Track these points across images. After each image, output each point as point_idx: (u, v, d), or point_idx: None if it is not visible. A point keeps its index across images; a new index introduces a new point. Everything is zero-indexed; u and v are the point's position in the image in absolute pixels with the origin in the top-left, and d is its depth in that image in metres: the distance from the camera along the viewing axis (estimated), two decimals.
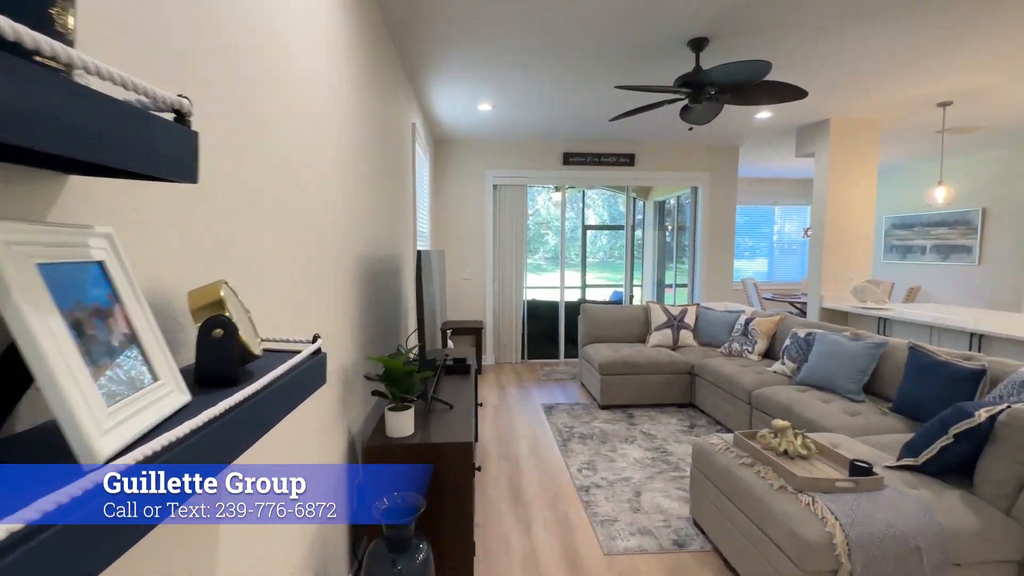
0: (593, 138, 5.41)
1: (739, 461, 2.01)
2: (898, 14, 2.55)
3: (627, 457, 3.09)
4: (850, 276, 4.56)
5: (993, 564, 1.63)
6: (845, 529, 1.57)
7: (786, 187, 8.15)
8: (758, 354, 3.83)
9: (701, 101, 2.87)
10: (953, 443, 1.78)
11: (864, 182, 4.65)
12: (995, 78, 3.48)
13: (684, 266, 6.41)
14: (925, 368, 2.54)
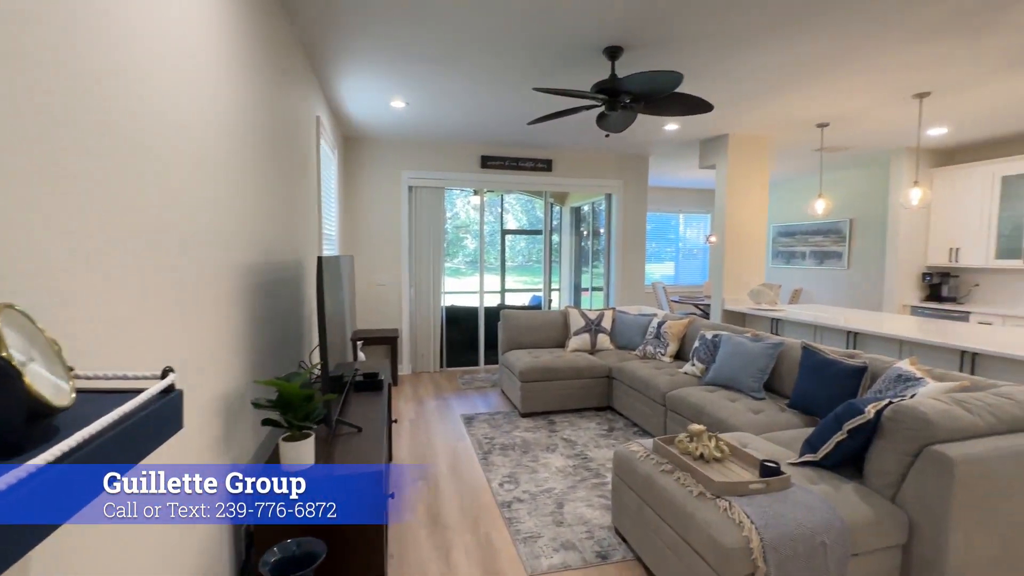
0: (512, 142, 5.38)
1: (660, 468, 2.01)
2: (782, 41, 2.75)
3: (549, 467, 3.04)
4: (747, 280, 4.92)
5: (883, 550, 1.75)
6: (760, 532, 1.60)
7: (690, 196, 8.72)
8: (670, 356, 3.98)
9: (617, 109, 2.90)
10: (847, 438, 1.90)
11: (758, 193, 5.05)
12: (861, 104, 3.92)
13: (599, 270, 6.59)
14: (816, 366, 2.74)
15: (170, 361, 0.87)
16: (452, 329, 5.79)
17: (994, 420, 1.79)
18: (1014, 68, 3.16)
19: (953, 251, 5.32)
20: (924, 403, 1.80)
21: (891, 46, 2.85)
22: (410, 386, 4.94)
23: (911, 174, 5.25)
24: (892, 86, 3.51)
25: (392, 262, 5.33)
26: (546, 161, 5.66)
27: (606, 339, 4.48)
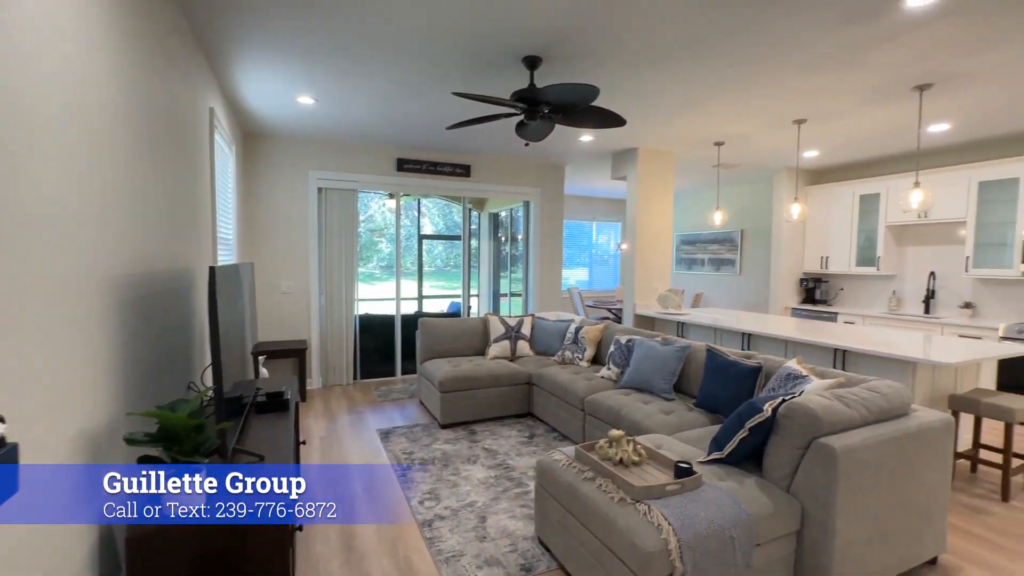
0: (429, 146, 5.26)
1: (582, 476, 2.03)
2: (688, 63, 2.95)
3: (471, 479, 2.97)
4: (655, 286, 5.22)
5: (782, 538, 1.90)
6: (677, 533, 1.66)
7: (603, 205, 9.12)
8: (587, 361, 4.09)
9: (536, 119, 2.93)
10: (749, 435, 2.05)
11: (664, 204, 5.38)
12: (752, 126, 4.32)
13: (518, 275, 6.65)
14: (719, 367, 2.95)
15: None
16: (367, 338, 5.52)
17: (866, 412, 2.02)
18: (869, 103, 3.65)
19: (824, 259, 6.06)
20: (812, 400, 1.99)
21: (779, 75, 3.16)
22: (321, 401, 4.62)
23: (791, 191, 5.89)
24: (777, 111, 3.91)
25: (299, 268, 4.96)
26: (464, 166, 5.61)
27: (526, 345, 4.51)
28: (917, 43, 2.67)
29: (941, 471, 2.15)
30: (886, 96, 3.49)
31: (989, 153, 4.74)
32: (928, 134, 4.46)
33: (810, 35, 2.59)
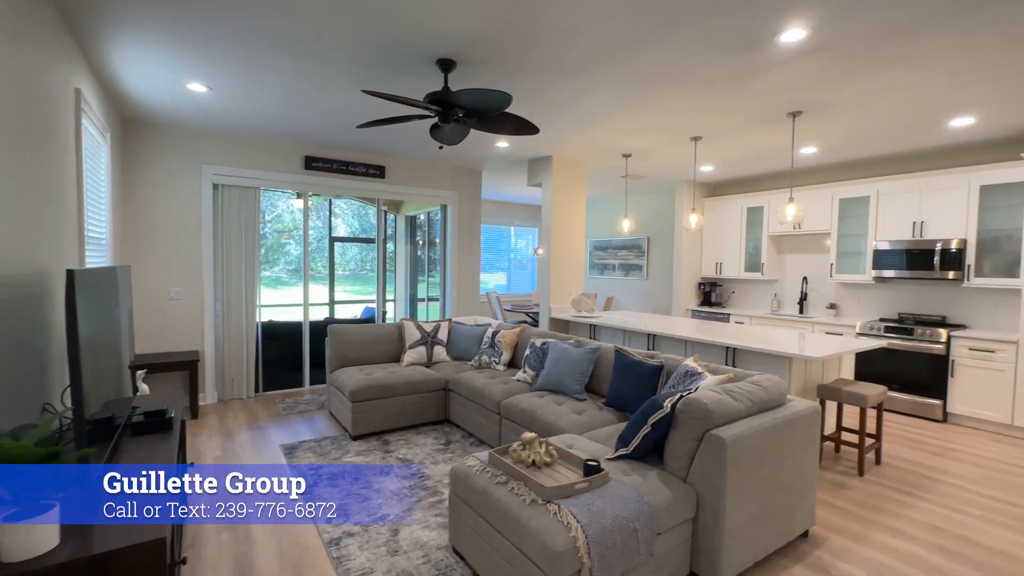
0: (341, 145, 5.03)
1: (495, 481, 2.03)
2: (598, 78, 3.09)
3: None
4: (569, 290, 5.40)
5: (680, 525, 2.03)
6: (585, 530, 1.71)
7: (521, 211, 9.28)
8: (504, 364, 4.12)
9: (450, 122, 2.91)
10: (651, 431, 2.18)
11: (577, 211, 5.59)
12: (655, 141, 4.63)
13: (435, 279, 6.56)
14: (626, 367, 3.11)
15: None
16: (271, 347, 5.14)
17: (750, 404, 2.23)
18: (753, 125, 4.06)
19: (718, 265, 6.63)
20: (705, 395, 2.16)
21: (677, 96, 3.41)
22: (216, 418, 4.22)
23: (690, 202, 6.39)
24: (677, 129, 4.22)
25: (191, 271, 4.51)
26: (379, 167, 5.43)
27: (442, 351, 4.45)
28: (789, 75, 3.01)
29: (811, 453, 2.43)
30: (766, 120, 3.91)
31: (847, 174, 5.48)
32: (800, 155, 5.05)
33: (701, 62, 2.83)
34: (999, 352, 4.10)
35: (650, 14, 2.33)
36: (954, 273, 4.49)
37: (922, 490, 3.04)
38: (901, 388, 4.61)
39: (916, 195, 4.77)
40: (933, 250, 4.60)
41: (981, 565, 2.27)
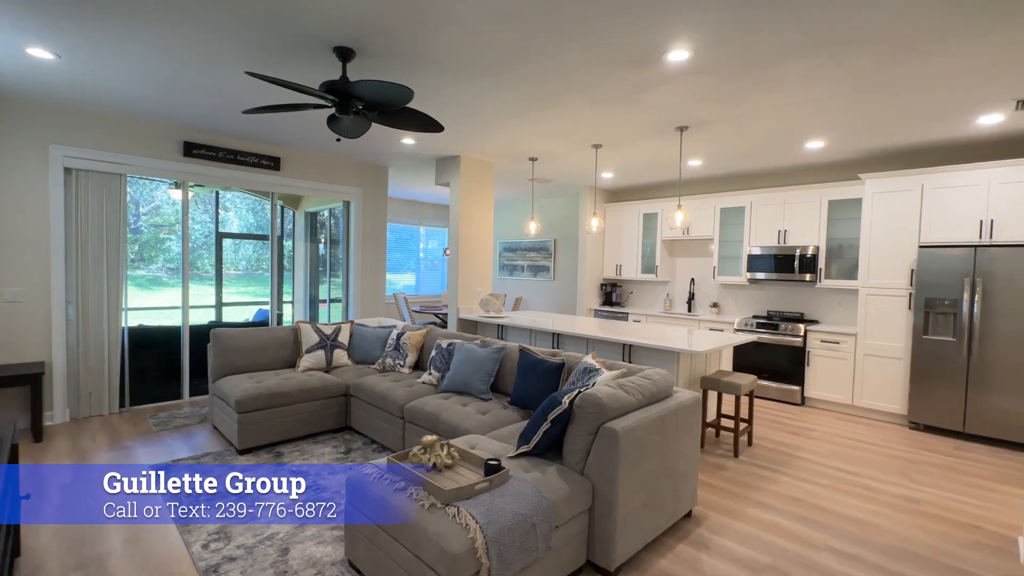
0: (228, 131, 4.59)
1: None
2: (501, 81, 3.13)
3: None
4: (477, 290, 5.41)
5: (576, 517, 2.10)
6: (484, 530, 1.71)
7: (429, 210, 9.13)
8: (409, 367, 4.02)
9: (349, 113, 2.77)
10: (551, 427, 2.23)
11: (485, 212, 5.62)
12: (559, 146, 4.79)
13: (339, 280, 6.23)
14: (529, 365, 3.17)
15: None
16: (142, 356, 4.55)
17: (641, 397, 2.38)
18: (647, 136, 4.36)
19: (618, 267, 7.03)
20: (600, 390, 2.26)
21: (577, 104, 3.55)
22: (67, 439, 3.63)
23: (592, 206, 6.69)
24: (579, 136, 4.40)
25: (34, 269, 3.85)
26: (273, 159, 5.04)
27: (343, 355, 4.23)
28: (677, 92, 3.27)
29: (694, 439, 2.64)
30: (658, 132, 4.21)
31: (728, 186, 6.09)
32: (688, 167, 5.51)
33: (598, 73, 2.97)
34: (843, 343, 4.79)
35: (544, 20, 2.39)
36: (810, 275, 5.16)
37: (784, 466, 3.44)
38: (770, 377, 5.21)
39: (781, 207, 5.42)
40: (794, 255, 5.26)
41: (830, 529, 2.62)
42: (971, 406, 4.02)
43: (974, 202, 4.09)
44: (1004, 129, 3.91)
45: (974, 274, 3.99)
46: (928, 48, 2.57)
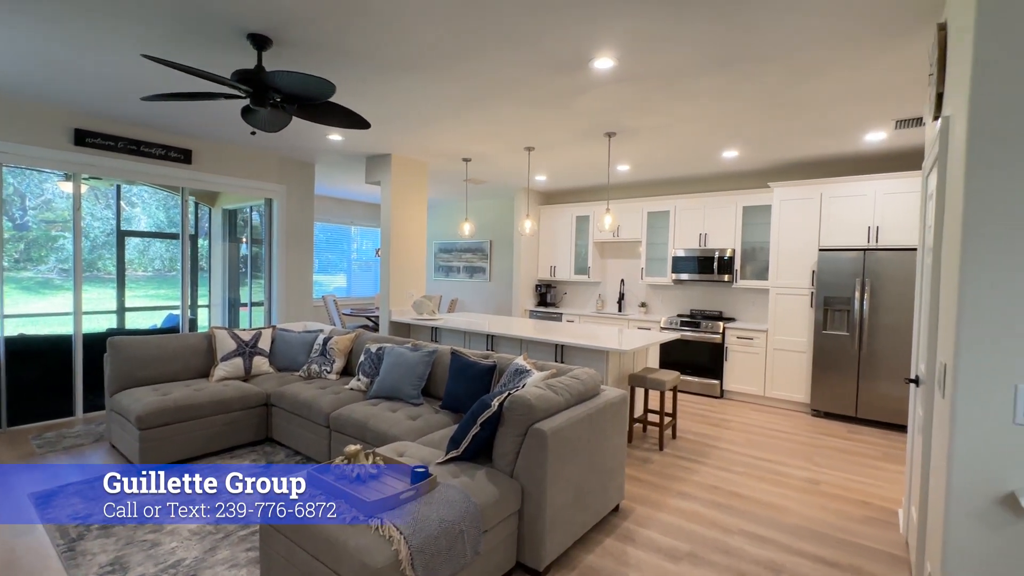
0: (130, 119, 4.17)
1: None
2: (428, 80, 3.08)
3: (179, 532, 2.42)
4: (410, 292, 5.29)
5: (506, 519, 2.10)
6: (408, 541, 1.65)
7: (362, 209, 8.83)
8: (336, 373, 3.84)
9: (266, 106, 2.60)
10: (480, 430, 2.21)
11: (418, 212, 5.51)
12: (492, 148, 4.80)
13: (262, 282, 5.86)
14: (461, 368, 3.13)
15: None
16: (24, 368, 4.03)
17: (569, 396, 2.42)
18: (578, 141, 4.46)
19: (552, 268, 7.15)
20: (529, 391, 2.27)
21: (509, 106, 3.56)
22: None
23: (525, 209, 6.76)
24: (512, 138, 4.42)
25: None
26: (183, 151, 4.65)
27: (264, 362, 3.98)
28: (604, 99, 3.37)
29: (620, 436, 2.73)
30: (587, 137, 4.32)
31: (654, 191, 6.37)
32: (617, 172, 5.71)
33: (528, 75, 3.00)
34: (756, 339, 5.16)
35: (468, 20, 2.37)
36: (727, 276, 5.52)
37: (705, 457, 3.65)
38: (693, 372, 5.51)
39: (702, 212, 5.75)
40: (713, 257, 5.60)
41: (744, 513, 2.80)
42: (862, 393, 4.47)
43: (863, 210, 4.56)
44: (887, 145, 4.39)
45: (863, 274, 4.44)
46: (822, 70, 2.82)
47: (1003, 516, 1.28)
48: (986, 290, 1.29)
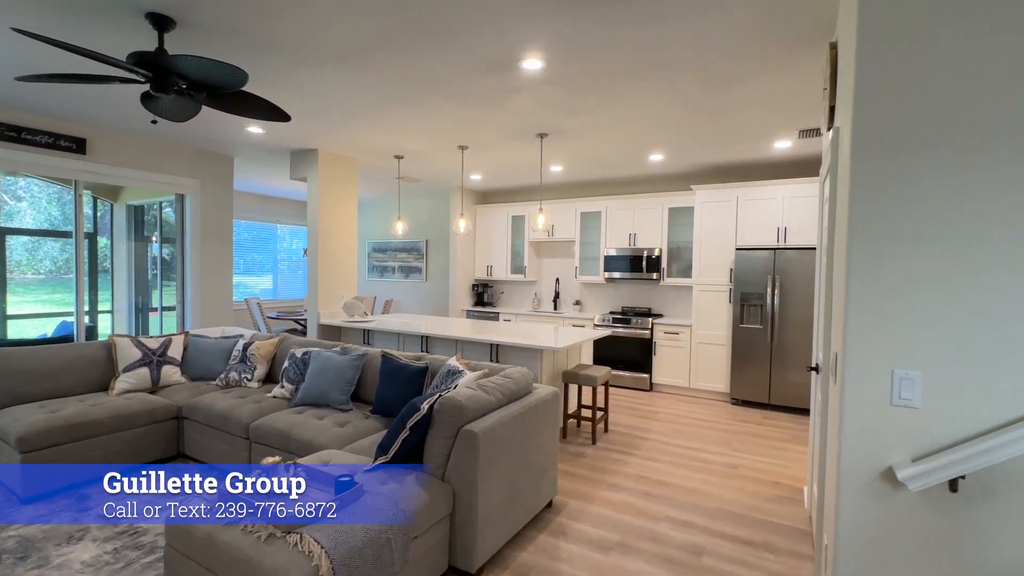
0: (8, 102, 3.68)
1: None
2: (353, 73, 2.97)
3: (70, 565, 2.17)
4: (340, 293, 5.08)
5: (436, 524, 2.06)
6: (330, 555, 1.58)
7: (288, 207, 8.38)
8: (258, 381, 3.61)
9: (169, 92, 2.38)
10: (410, 434, 2.16)
11: (348, 210, 5.31)
12: (425, 146, 4.71)
13: (177, 285, 5.40)
14: (392, 371, 3.05)
15: None
16: None
17: (501, 396, 2.41)
18: (511, 140, 4.48)
19: (489, 267, 7.15)
20: (460, 392, 2.24)
21: (441, 103, 3.51)
22: None
23: (460, 208, 6.72)
24: (444, 136, 4.36)
25: None
26: (76, 140, 4.18)
27: (175, 371, 3.66)
28: (534, 100, 3.40)
29: (553, 432, 2.77)
30: (520, 137, 4.35)
31: (587, 192, 6.54)
32: (551, 172, 5.81)
33: (457, 73, 2.97)
34: (681, 333, 5.44)
35: (394, 14, 2.31)
36: (656, 274, 5.77)
37: (635, 448, 3.79)
38: (624, 367, 5.71)
39: (631, 212, 5.97)
40: (643, 256, 5.84)
41: (669, 500, 2.93)
42: (774, 382, 4.84)
43: (773, 213, 4.93)
44: (793, 153, 4.77)
45: (774, 272, 4.80)
46: (735, 81, 3.01)
47: (883, 488, 1.42)
48: (868, 286, 1.42)
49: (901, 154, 1.38)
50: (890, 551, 1.42)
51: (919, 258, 1.36)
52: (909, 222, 1.37)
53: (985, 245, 1.30)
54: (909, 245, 1.37)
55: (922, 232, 1.36)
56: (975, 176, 1.31)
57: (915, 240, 1.37)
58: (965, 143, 1.32)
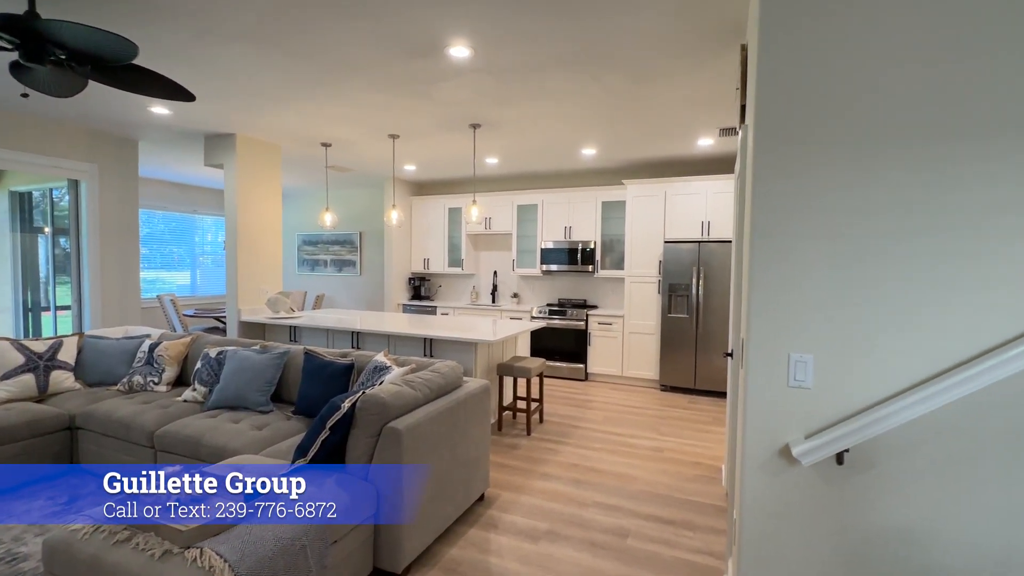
0: None
1: (112, 540, 1.56)
2: (272, 51, 2.78)
3: None
4: (264, 288, 4.79)
5: (360, 526, 1.98)
6: (235, 568, 1.47)
7: (208, 196, 7.78)
8: (167, 384, 3.33)
9: (44, 63, 2.10)
10: (330, 435, 2.06)
11: (271, 199, 5.00)
12: (354, 133, 4.52)
13: (72, 281, 4.86)
14: (315, 369, 2.91)
15: None
16: None
17: (428, 391, 2.36)
18: (443, 131, 4.39)
19: (425, 260, 7.02)
20: (384, 389, 2.17)
21: (363, 89, 3.36)
22: None
23: (392, 199, 6.53)
24: (372, 124, 4.19)
25: None
26: None
27: (68, 377, 3.30)
28: (463, 89, 3.34)
29: (484, 426, 2.75)
30: (452, 128, 4.27)
31: (523, 184, 6.56)
32: (486, 164, 5.76)
33: (379, 56, 2.84)
34: (614, 324, 5.61)
35: None
36: (591, 267, 5.90)
37: (568, 437, 3.86)
38: (561, 358, 5.81)
39: (566, 206, 6.06)
40: (578, 249, 5.94)
41: (598, 486, 3.01)
42: (699, 367, 5.10)
43: (698, 207, 5.17)
44: (715, 150, 5.02)
45: (699, 263, 5.05)
46: (658, 77, 3.10)
47: (781, 464, 1.52)
48: (768, 276, 1.50)
49: (795, 151, 1.46)
50: (786, 522, 1.52)
51: (809, 248, 1.46)
52: (801, 215, 1.46)
53: (866, 235, 1.41)
54: (802, 237, 1.46)
55: (812, 223, 1.45)
56: (856, 172, 1.41)
57: (806, 232, 1.46)
58: (848, 141, 1.42)
